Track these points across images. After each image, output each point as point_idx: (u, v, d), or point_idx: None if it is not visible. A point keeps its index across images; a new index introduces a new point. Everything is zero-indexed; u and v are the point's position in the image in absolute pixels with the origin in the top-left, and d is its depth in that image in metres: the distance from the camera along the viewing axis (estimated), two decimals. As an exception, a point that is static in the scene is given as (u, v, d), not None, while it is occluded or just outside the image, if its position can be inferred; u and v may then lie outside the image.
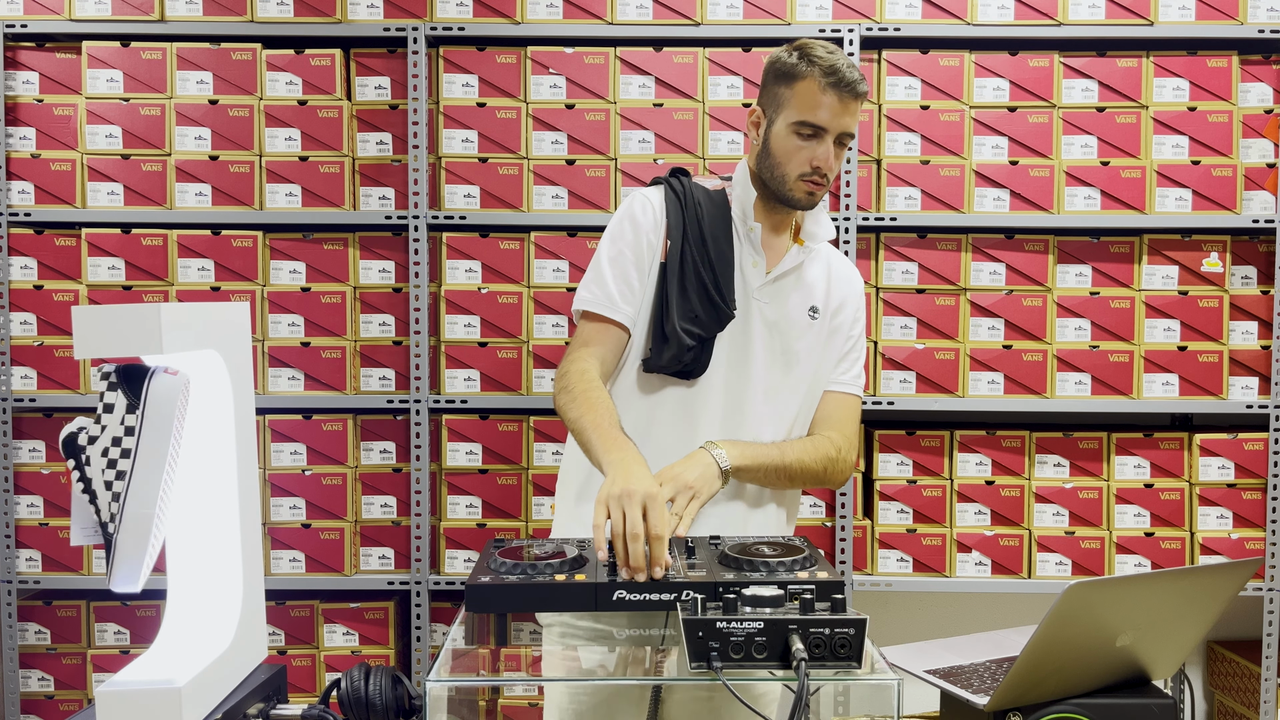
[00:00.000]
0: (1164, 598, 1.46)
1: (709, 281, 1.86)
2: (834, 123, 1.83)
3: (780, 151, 1.87)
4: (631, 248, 1.89)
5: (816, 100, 1.82)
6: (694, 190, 1.93)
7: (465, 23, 2.73)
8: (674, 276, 1.86)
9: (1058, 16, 2.73)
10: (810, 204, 1.90)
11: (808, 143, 1.84)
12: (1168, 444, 2.81)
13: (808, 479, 1.90)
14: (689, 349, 1.84)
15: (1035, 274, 2.77)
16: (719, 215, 1.92)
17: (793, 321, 1.92)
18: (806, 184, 1.86)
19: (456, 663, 1.51)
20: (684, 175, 1.99)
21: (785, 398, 1.92)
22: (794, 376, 1.93)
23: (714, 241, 1.88)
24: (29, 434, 2.79)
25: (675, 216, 1.89)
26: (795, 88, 1.84)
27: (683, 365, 1.85)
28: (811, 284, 1.95)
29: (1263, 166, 2.77)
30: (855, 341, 2.00)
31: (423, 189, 2.73)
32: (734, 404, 1.88)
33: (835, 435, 1.94)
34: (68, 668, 2.80)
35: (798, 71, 1.84)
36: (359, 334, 2.79)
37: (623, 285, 1.88)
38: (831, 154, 1.85)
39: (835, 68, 1.82)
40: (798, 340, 1.92)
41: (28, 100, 2.77)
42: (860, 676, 1.28)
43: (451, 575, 2.77)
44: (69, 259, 2.77)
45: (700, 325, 1.85)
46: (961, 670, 1.59)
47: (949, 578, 2.80)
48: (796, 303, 1.93)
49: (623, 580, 1.46)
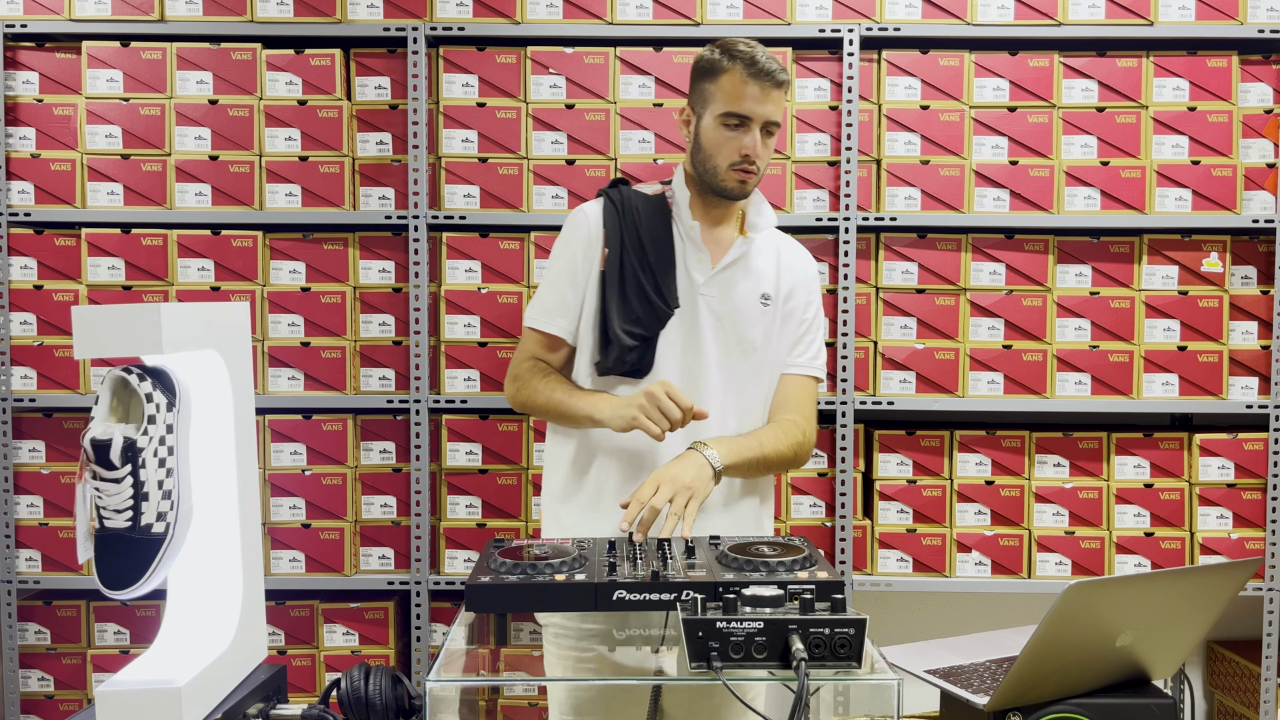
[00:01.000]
0: (1164, 598, 1.47)
1: (647, 284, 1.95)
2: (758, 111, 1.93)
3: (710, 144, 1.96)
4: (567, 264, 2.01)
5: (740, 91, 1.92)
6: (632, 198, 2.03)
7: (465, 23, 2.73)
8: (613, 283, 1.97)
9: (1058, 16, 2.73)
10: (743, 192, 1.99)
11: (735, 133, 1.93)
12: (1168, 444, 2.81)
13: (782, 465, 2.00)
14: (631, 349, 1.94)
15: (1035, 274, 2.77)
16: (659, 218, 2.01)
17: (744, 311, 2.00)
18: (738, 173, 1.95)
19: (456, 663, 1.51)
20: (624, 184, 2.10)
21: (745, 385, 2.01)
22: (752, 363, 2.01)
23: (653, 244, 1.98)
24: (29, 434, 2.79)
25: (613, 226, 1.99)
26: (719, 81, 1.94)
27: (629, 365, 1.95)
28: (760, 272, 2.03)
29: (1263, 166, 2.77)
30: (810, 325, 2.08)
31: (423, 189, 2.73)
32: (690, 394, 1.93)
33: (797, 418, 2.02)
34: (68, 668, 2.80)
35: (720, 66, 1.95)
36: (359, 334, 2.79)
37: (558, 300, 2.01)
38: (759, 142, 1.94)
39: (754, 59, 1.93)
40: (751, 328, 2.00)
41: (28, 100, 2.77)
42: (860, 676, 1.28)
43: (451, 575, 2.77)
44: (69, 259, 2.77)
45: (641, 325, 1.95)
46: (961, 670, 1.59)
47: (949, 578, 2.80)
48: (745, 292, 2.01)
49: (623, 580, 1.46)
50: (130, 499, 1.21)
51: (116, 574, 1.23)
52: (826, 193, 2.77)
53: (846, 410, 2.75)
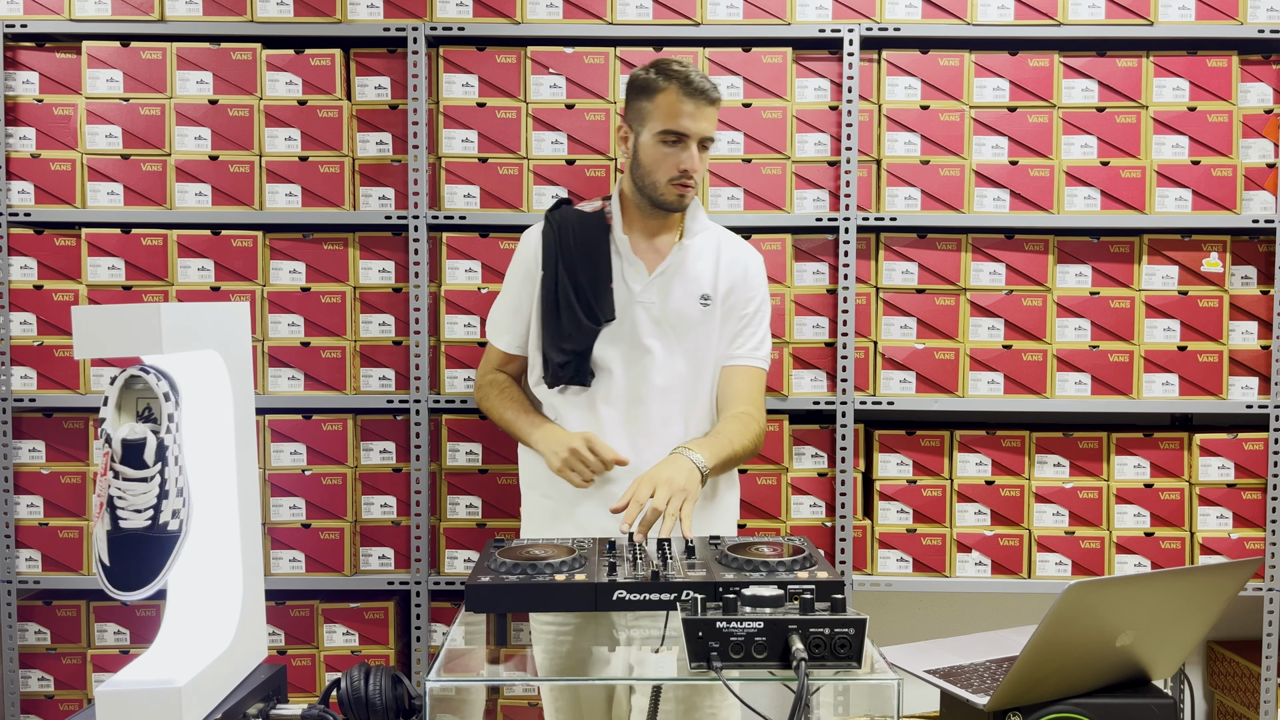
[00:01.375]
0: (1164, 598, 1.47)
1: (578, 301, 2.08)
2: (694, 128, 2.02)
3: (649, 160, 2.05)
4: (515, 284, 2.20)
5: (676, 109, 2.01)
6: (570, 218, 2.16)
7: (465, 23, 2.73)
8: (547, 304, 2.11)
9: (1058, 16, 2.73)
10: (682, 205, 2.09)
11: (673, 149, 2.03)
12: (1168, 444, 2.81)
13: (748, 457, 2.10)
14: (563, 364, 2.07)
15: (1035, 274, 2.77)
16: (596, 234, 2.13)
17: (683, 314, 2.11)
18: (677, 187, 2.05)
19: (456, 663, 1.51)
20: (567, 204, 2.24)
21: (690, 384, 2.12)
22: (695, 362, 2.12)
23: (586, 261, 2.10)
24: (29, 434, 2.79)
25: (549, 248, 2.13)
26: (656, 100, 2.03)
27: (566, 379, 2.08)
28: (698, 275, 2.14)
29: (1263, 166, 2.77)
30: (750, 318, 2.17)
31: (423, 189, 2.73)
32: (635, 396, 2.10)
33: (749, 409, 2.12)
34: (68, 668, 2.80)
35: (656, 85, 2.04)
36: (359, 334, 2.79)
37: (504, 319, 2.21)
38: (696, 157, 2.04)
39: (689, 79, 2.02)
40: (692, 330, 2.11)
41: (28, 100, 2.77)
42: (860, 676, 1.28)
43: (451, 575, 2.77)
44: (69, 259, 2.77)
45: (571, 341, 2.07)
46: (961, 670, 1.59)
47: (949, 578, 2.80)
48: (683, 295, 2.12)
49: (623, 580, 1.46)
50: (155, 498, 1.24)
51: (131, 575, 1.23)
52: (826, 193, 2.77)
53: (846, 410, 2.75)
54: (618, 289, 2.10)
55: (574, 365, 2.07)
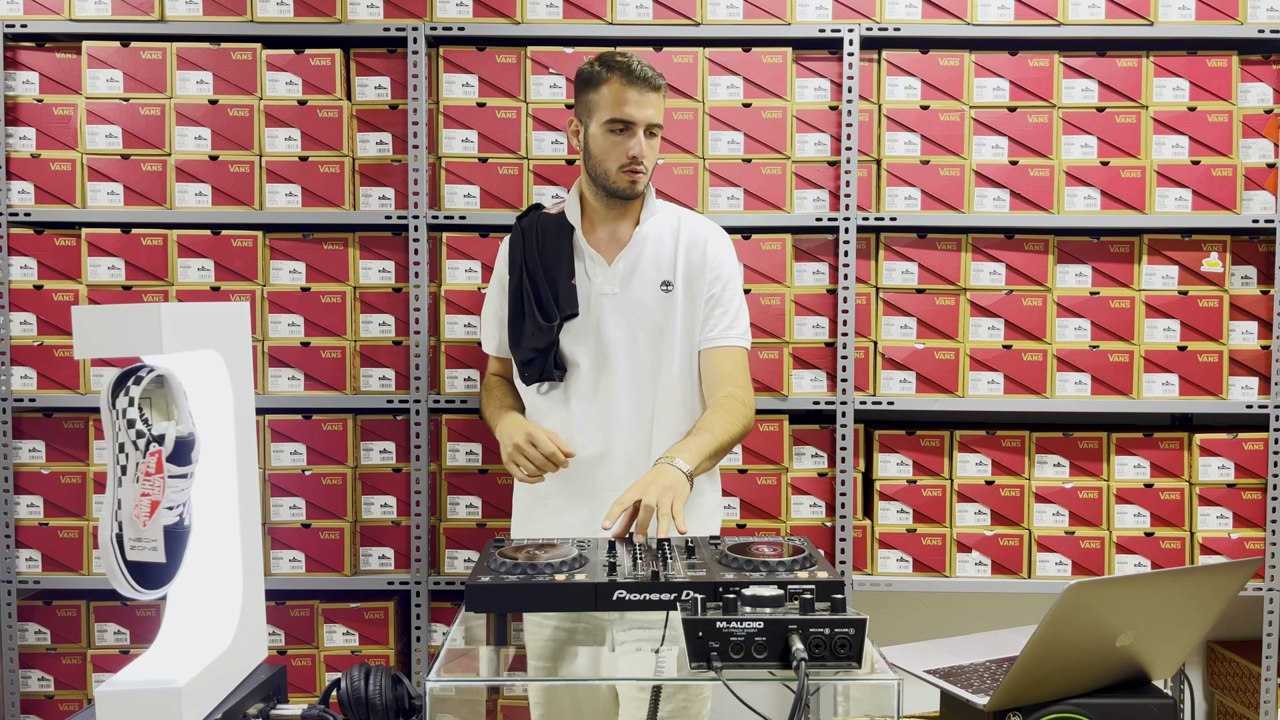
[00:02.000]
0: (1164, 598, 1.47)
1: (535, 302, 2.14)
2: (639, 114, 2.07)
3: (599, 150, 2.11)
4: (496, 291, 2.28)
5: (621, 98, 2.07)
6: (538, 221, 2.23)
7: (465, 23, 2.73)
8: (514, 307, 2.18)
9: (1058, 16, 2.73)
10: (634, 192, 2.13)
11: (620, 137, 2.08)
12: (1168, 444, 2.81)
13: (737, 442, 2.11)
14: (529, 361, 2.14)
15: (1035, 274, 2.77)
16: (557, 234, 2.18)
17: (645, 302, 2.14)
18: (628, 174, 2.10)
19: (456, 663, 1.51)
20: (538, 209, 2.28)
21: (656, 371, 2.14)
22: (662, 348, 2.14)
23: (547, 261, 2.16)
24: (29, 434, 2.79)
25: (516, 253, 2.21)
26: (600, 91, 2.09)
27: (537, 375, 2.14)
28: (659, 262, 2.16)
29: (1263, 166, 2.77)
30: (718, 298, 2.18)
31: (423, 189, 2.73)
32: (604, 386, 2.13)
33: (734, 390, 2.13)
34: (68, 668, 2.80)
35: (600, 77, 2.10)
36: (359, 334, 2.79)
37: (488, 324, 2.31)
38: (644, 144, 2.09)
39: (630, 68, 2.08)
40: (655, 316, 2.14)
41: (28, 100, 2.77)
42: (860, 676, 1.28)
43: (451, 575, 2.77)
44: (69, 259, 2.77)
45: (534, 339, 2.13)
46: (961, 670, 1.59)
47: (949, 578, 2.80)
48: (644, 283, 2.15)
49: (623, 580, 1.46)
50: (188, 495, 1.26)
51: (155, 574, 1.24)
52: (826, 193, 2.77)
53: (846, 410, 2.75)
54: (580, 284, 2.14)
55: (539, 363, 2.13)
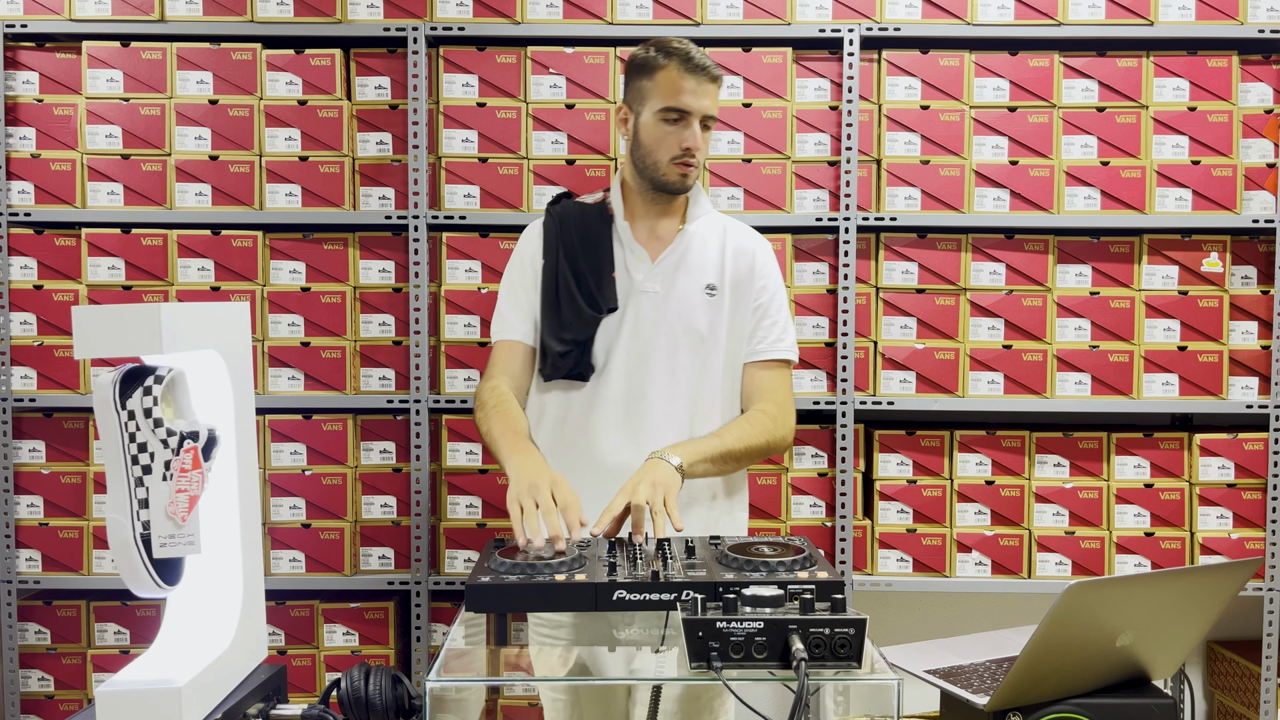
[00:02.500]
0: (1164, 598, 1.47)
1: (579, 290, 2.00)
2: (696, 105, 1.97)
3: (650, 140, 1.99)
4: (519, 276, 2.09)
5: (677, 86, 1.96)
6: (570, 209, 2.10)
7: (465, 23, 2.73)
8: (547, 294, 2.03)
9: (1058, 16, 2.73)
10: (685, 185, 2.02)
11: (674, 127, 1.97)
12: (1168, 444, 2.81)
13: (755, 455, 1.99)
14: (563, 354, 1.98)
15: (1035, 274, 2.77)
16: (598, 225, 2.06)
17: (688, 303, 2.02)
18: (679, 166, 1.99)
19: (456, 663, 1.51)
20: (567, 197, 2.16)
21: (695, 378, 2.01)
22: (702, 354, 2.02)
23: (587, 252, 2.03)
24: (29, 434, 2.79)
25: (550, 239, 2.06)
26: (656, 78, 1.98)
27: (565, 371, 1.99)
28: (704, 264, 2.05)
29: (1263, 166, 2.77)
30: (765, 308, 2.07)
31: (423, 189, 2.73)
32: (637, 390, 2.00)
33: (767, 405, 2.02)
34: (68, 668, 2.80)
35: (656, 63, 1.98)
36: (359, 334, 2.79)
37: (514, 308, 2.07)
38: (698, 135, 1.98)
39: (690, 55, 1.97)
40: (697, 319, 2.02)
41: (28, 100, 2.77)
42: (860, 676, 1.28)
43: (451, 575, 2.77)
44: (69, 259, 2.77)
45: (570, 331, 1.99)
46: (961, 670, 1.59)
47: (949, 578, 2.80)
48: (688, 284, 2.03)
49: (623, 580, 1.46)
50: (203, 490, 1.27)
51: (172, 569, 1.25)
52: (826, 193, 2.77)
53: (846, 410, 2.75)
54: (620, 277, 2.02)
55: (574, 356, 1.98)
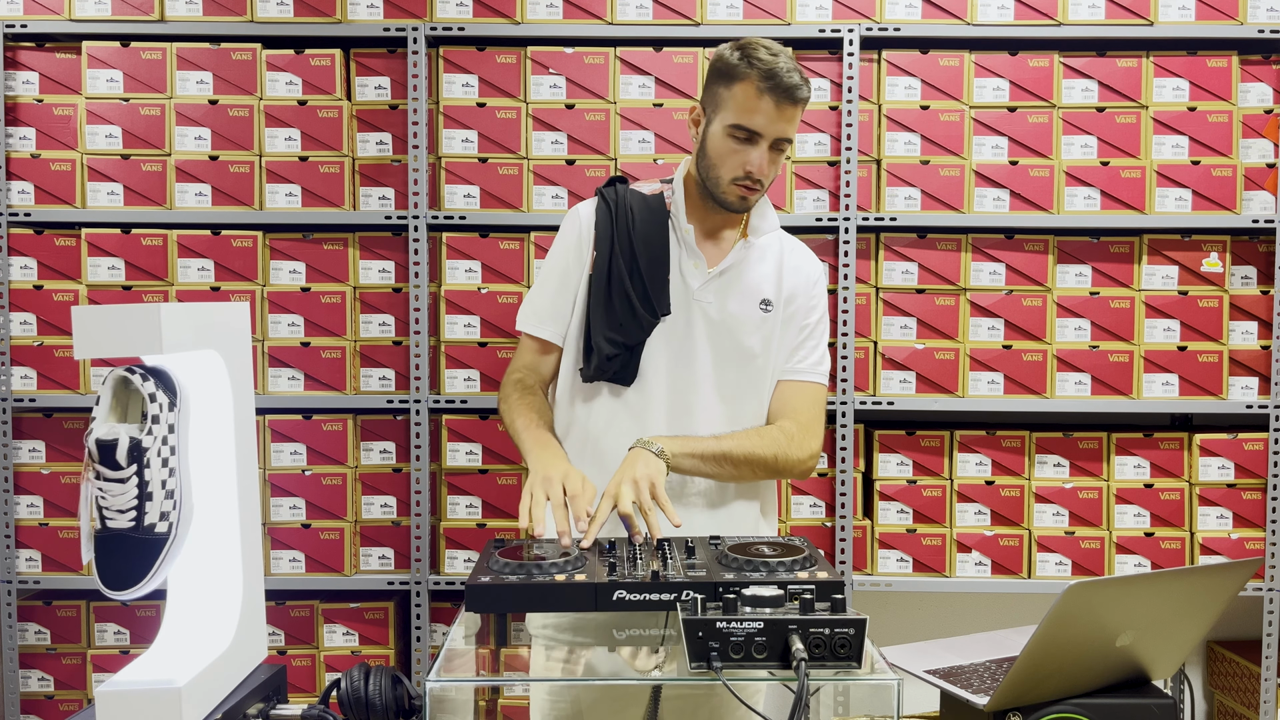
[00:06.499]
0: (1164, 598, 1.46)
1: (634, 290, 1.86)
2: (769, 128, 1.80)
3: (715, 153, 1.84)
4: (559, 265, 1.94)
5: (753, 104, 1.78)
6: (628, 197, 1.92)
7: (465, 23, 2.73)
8: (599, 288, 1.88)
9: (1058, 16, 2.73)
10: (743, 208, 1.89)
11: (742, 146, 1.81)
12: (1168, 444, 2.81)
13: (757, 466, 1.87)
14: (611, 357, 1.85)
15: (1035, 274, 2.77)
16: (655, 220, 1.90)
17: (741, 318, 1.90)
18: (739, 188, 1.84)
19: (456, 663, 1.51)
20: (622, 182, 1.99)
21: (741, 395, 1.92)
22: (751, 372, 1.92)
23: (645, 248, 1.88)
24: (29, 434, 2.79)
25: (604, 228, 1.90)
26: (733, 89, 1.80)
27: (611, 373, 1.87)
28: (761, 278, 1.94)
29: (1262, 166, 2.77)
30: (811, 330, 1.97)
31: (423, 189, 2.73)
32: (680, 404, 1.88)
33: (788, 424, 1.91)
34: (68, 668, 2.80)
35: (737, 72, 1.80)
36: (359, 334, 2.79)
37: (547, 304, 1.94)
38: (765, 159, 1.82)
39: (774, 71, 1.77)
40: (749, 336, 1.90)
41: (28, 100, 2.77)
42: (860, 676, 1.28)
43: (451, 575, 2.77)
44: (69, 259, 2.77)
45: (623, 333, 1.86)
46: (961, 670, 1.59)
47: (949, 578, 2.80)
48: (744, 298, 1.91)
49: (623, 580, 1.46)
50: (135, 499, 1.21)
51: (119, 574, 1.22)
52: (826, 193, 2.77)
53: (846, 410, 2.75)
54: (674, 282, 1.88)
55: (622, 360, 1.86)
